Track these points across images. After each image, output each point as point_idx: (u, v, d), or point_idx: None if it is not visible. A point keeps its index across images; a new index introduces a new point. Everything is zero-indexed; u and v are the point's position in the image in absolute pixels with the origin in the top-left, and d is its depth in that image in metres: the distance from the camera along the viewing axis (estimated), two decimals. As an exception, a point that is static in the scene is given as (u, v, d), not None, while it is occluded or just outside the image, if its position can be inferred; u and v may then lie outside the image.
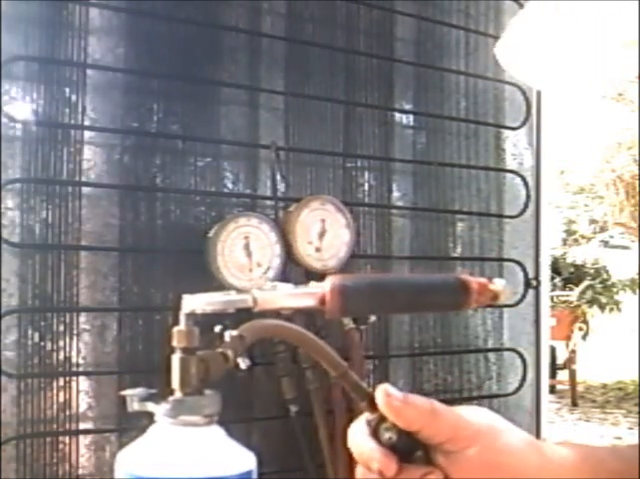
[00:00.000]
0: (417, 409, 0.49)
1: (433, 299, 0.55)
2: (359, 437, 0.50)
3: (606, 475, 0.52)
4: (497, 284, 0.54)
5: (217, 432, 0.47)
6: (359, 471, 0.50)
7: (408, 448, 0.50)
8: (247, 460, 0.47)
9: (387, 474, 0.48)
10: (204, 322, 0.49)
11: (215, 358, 0.47)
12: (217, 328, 0.48)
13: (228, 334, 0.48)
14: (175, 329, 0.47)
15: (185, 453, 0.45)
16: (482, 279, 0.54)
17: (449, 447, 0.49)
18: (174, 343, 0.47)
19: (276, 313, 1.25)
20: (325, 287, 0.51)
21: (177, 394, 0.46)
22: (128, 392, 0.46)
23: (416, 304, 0.56)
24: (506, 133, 1.68)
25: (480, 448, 0.49)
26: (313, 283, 0.51)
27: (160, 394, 0.46)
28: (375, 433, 0.50)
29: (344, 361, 0.51)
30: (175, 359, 0.46)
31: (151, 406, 0.46)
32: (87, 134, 1.23)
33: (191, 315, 0.47)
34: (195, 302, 0.47)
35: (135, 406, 0.46)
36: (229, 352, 0.48)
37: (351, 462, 0.51)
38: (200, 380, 0.46)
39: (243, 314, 0.50)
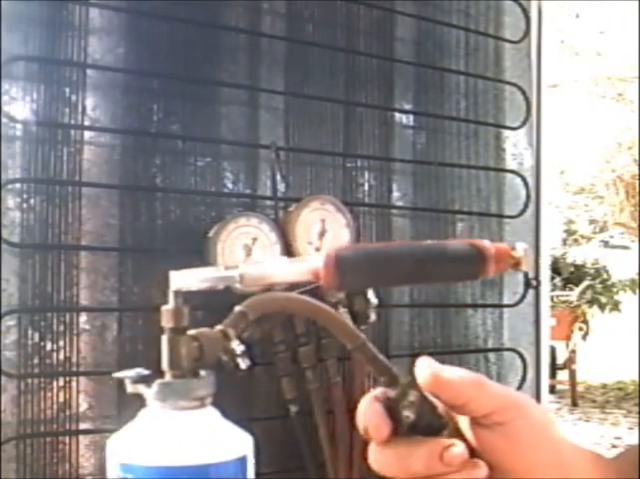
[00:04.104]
0: (463, 381, 0.46)
1: (444, 269, 0.49)
2: (366, 402, 0.47)
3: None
4: (519, 250, 0.48)
5: (211, 415, 0.45)
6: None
7: (431, 428, 0.47)
8: (242, 444, 0.45)
9: (376, 437, 0.46)
10: (227, 302, 0.46)
11: (211, 337, 0.44)
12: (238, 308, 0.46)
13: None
14: (163, 308, 0.45)
15: (175, 439, 0.43)
16: (502, 245, 0.48)
17: (496, 418, 0.46)
18: (163, 323, 0.44)
19: (275, 312, 1.25)
20: (320, 260, 0.46)
21: (167, 376, 0.44)
22: (121, 374, 0.44)
23: (424, 275, 0.50)
24: (506, 133, 1.68)
25: (529, 420, 0.47)
26: (311, 255, 0.48)
27: (152, 376, 0.44)
28: (390, 411, 0.46)
29: (362, 334, 0.48)
30: (164, 340, 0.44)
31: (142, 389, 0.44)
32: (87, 134, 1.23)
33: (180, 293, 0.45)
34: (181, 279, 0.45)
35: (129, 388, 0.44)
36: (229, 330, 0.45)
37: (351, 461, 0.50)
38: (194, 360, 0.44)
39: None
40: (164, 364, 0.44)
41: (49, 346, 1.18)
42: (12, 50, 1.14)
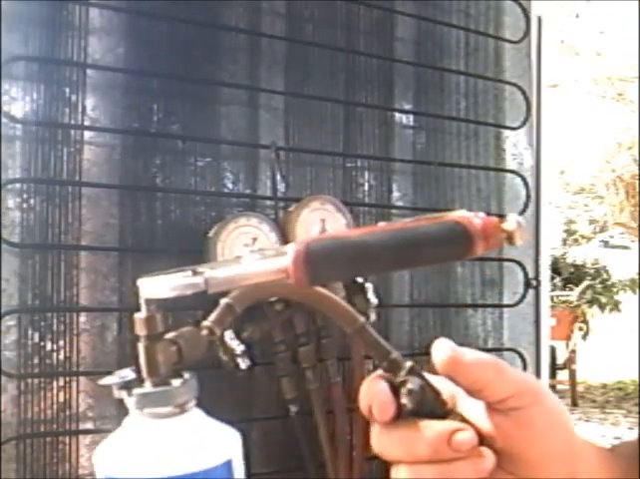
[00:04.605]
0: (482, 365, 0.45)
1: (426, 253, 0.44)
2: (370, 380, 0.46)
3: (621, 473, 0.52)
4: (510, 223, 0.43)
5: (194, 419, 0.44)
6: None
7: (433, 415, 0.45)
8: (227, 448, 0.43)
9: (380, 417, 0.44)
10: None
11: (192, 337, 0.43)
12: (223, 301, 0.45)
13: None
14: (136, 316, 0.44)
15: (157, 449, 0.42)
16: (491, 219, 0.44)
17: (512, 403, 0.45)
18: (137, 331, 0.43)
19: (275, 312, 1.25)
20: (288, 257, 0.43)
21: (147, 384, 0.43)
22: (107, 381, 0.43)
23: (405, 261, 0.46)
24: (506, 133, 1.68)
25: (544, 407, 0.46)
26: (282, 250, 0.43)
27: (135, 382, 0.43)
28: (394, 392, 0.45)
29: (361, 317, 0.46)
30: (140, 348, 0.43)
31: (124, 396, 0.43)
32: (87, 134, 1.23)
33: (152, 300, 0.43)
34: (150, 287, 0.43)
35: (115, 394, 0.43)
36: (215, 327, 0.43)
37: (351, 461, 0.49)
38: (174, 364, 0.43)
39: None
40: (143, 372, 0.43)
41: (49, 346, 1.18)
42: (12, 50, 1.14)
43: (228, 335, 1.12)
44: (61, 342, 1.19)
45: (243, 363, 1.13)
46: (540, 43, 1.72)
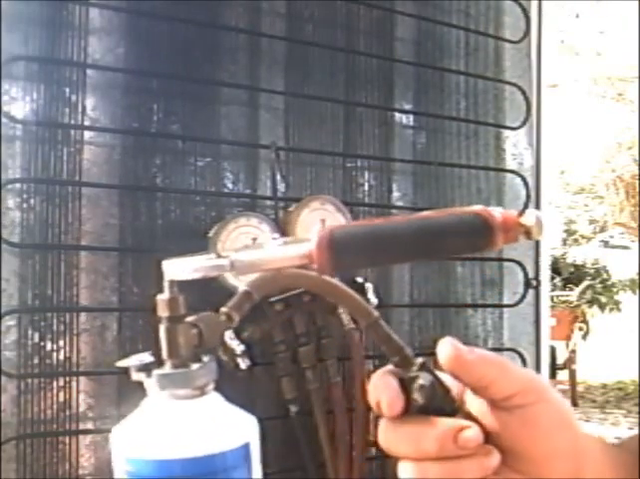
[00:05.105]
0: (487, 363, 0.45)
1: (447, 244, 0.45)
2: (379, 375, 0.46)
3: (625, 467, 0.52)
4: (529, 218, 0.44)
5: (213, 402, 0.44)
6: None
7: (442, 412, 0.45)
8: (244, 431, 0.44)
9: (388, 412, 0.44)
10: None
11: (211, 321, 0.43)
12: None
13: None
14: (158, 298, 0.44)
15: (175, 430, 0.42)
16: (510, 213, 0.45)
17: (517, 400, 0.45)
18: (159, 313, 0.44)
19: (275, 312, 1.25)
20: (312, 242, 0.43)
21: (167, 365, 0.43)
22: (125, 363, 0.44)
23: (426, 251, 0.46)
24: (506, 133, 1.68)
25: (549, 405, 0.46)
26: (306, 236, 0.44)
27: (154, 364, 0.44)
28: (403, 388, 0.45)
29: (375, 311, 0.46)
30: (162, 329, 0.43)
31: (143, 378, 0.43)
32: (87, 134, 1.23)
33: (175, 282, 0.44)
34: (174, 269, 0.44)
35: (133, 376, 0.44)
36: (233, 313, 0.44)
37: (351, 461, 0.49)
38: (194, 347, 0.43)
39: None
40: (164, 353, 0.43)
41: (49, 346, 1.18)
42: (12, 50, 1.14)
43: (228, 335, 1.12)
44: (61, 342, 1.19)
45: (243, 363, 1.13)
46: (540, 43, 1.72)
